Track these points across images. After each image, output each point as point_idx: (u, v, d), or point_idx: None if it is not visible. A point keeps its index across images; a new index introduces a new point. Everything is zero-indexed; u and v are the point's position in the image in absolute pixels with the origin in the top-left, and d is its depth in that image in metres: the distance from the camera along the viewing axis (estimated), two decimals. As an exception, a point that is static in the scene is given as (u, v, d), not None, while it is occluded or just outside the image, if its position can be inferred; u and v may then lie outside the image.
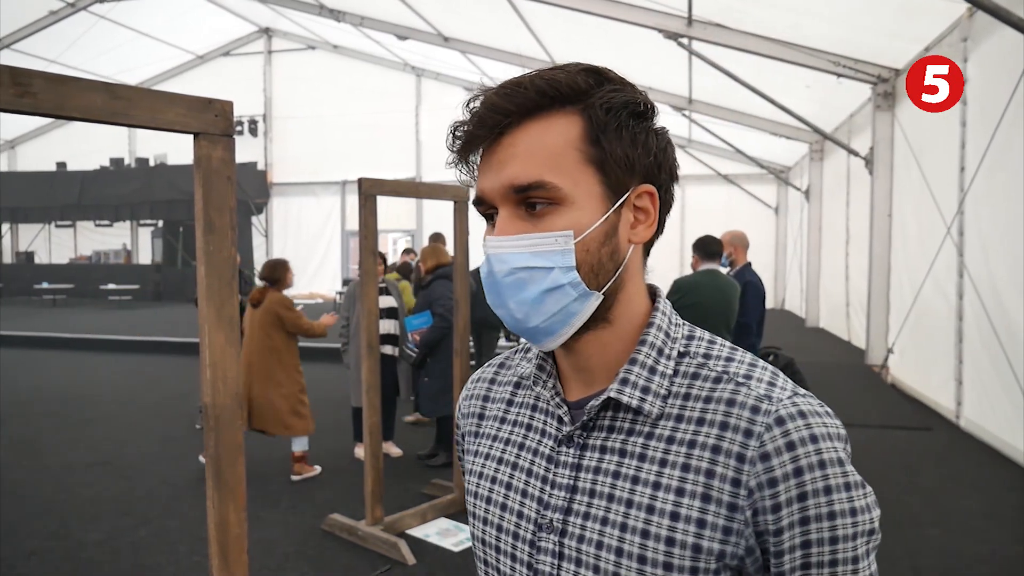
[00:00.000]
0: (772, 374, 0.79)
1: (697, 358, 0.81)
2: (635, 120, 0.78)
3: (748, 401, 0.75)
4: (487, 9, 11.51)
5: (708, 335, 0.85)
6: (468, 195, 4.69)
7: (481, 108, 0.77)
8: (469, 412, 0.98)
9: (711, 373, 0.79)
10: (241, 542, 1.81)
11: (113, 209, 20.92)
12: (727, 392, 0.77)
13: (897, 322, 8.50)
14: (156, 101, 1.61)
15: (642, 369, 0.80)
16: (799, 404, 0.74)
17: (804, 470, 0.71)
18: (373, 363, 4.32)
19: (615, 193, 0.78)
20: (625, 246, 0.80)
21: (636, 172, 0.78)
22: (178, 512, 4.85)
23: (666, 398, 0.79)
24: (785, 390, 0.76)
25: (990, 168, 5.80)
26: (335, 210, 20.88)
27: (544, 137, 0.76)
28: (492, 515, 0.87)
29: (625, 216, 0.79)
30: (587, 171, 0.76)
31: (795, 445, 0.72)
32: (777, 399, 0.75)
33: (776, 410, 0.74)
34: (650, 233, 0.81)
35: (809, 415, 0.74)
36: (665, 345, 0.81)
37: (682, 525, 0.74)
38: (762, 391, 0.76)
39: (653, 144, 0.79)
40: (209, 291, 1.71)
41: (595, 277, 0.77)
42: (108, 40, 17.56)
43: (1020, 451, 5.35)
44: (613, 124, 0.76)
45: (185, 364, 10.52)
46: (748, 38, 8.59)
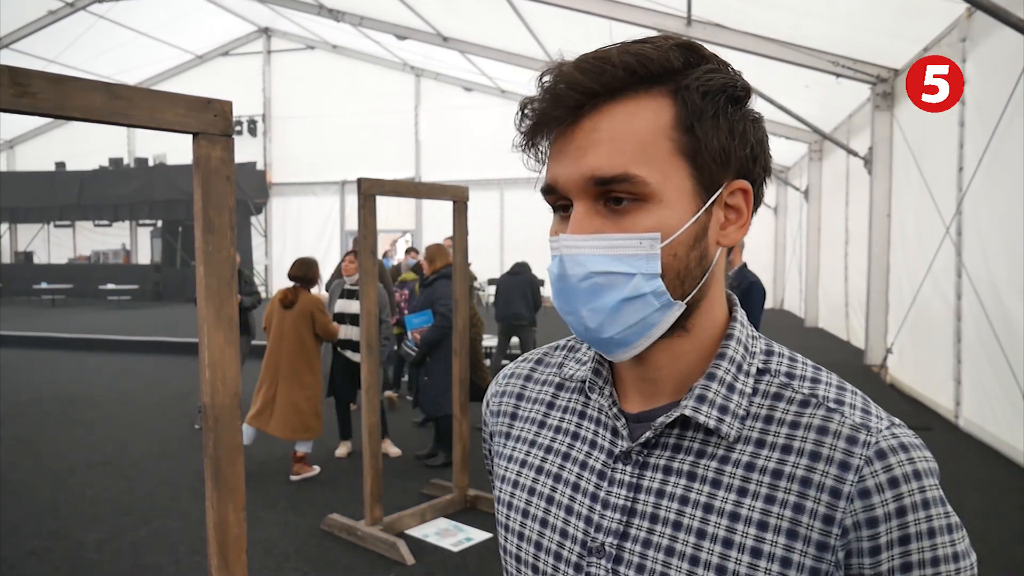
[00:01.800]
0: (864, 400, 0.71)
1: (779, 376, 0.73)
2: (733, 106, 0.69)
3: (843, 430, 0.68)
4: (486, 9, 11.51)
5: (788, 351, 0.76)
6: (467, 195, 4.69)
7: (558, 85, 0.66)
8: (500, 410, 0.89)
9: (796, 395, 0.71)
10: (240, 542, 1.81)
11: (112, 209, 20.91)
12: (817, 418, 0.69)
13: (896, 322, 8.50)
14: (155, 101, 1.61)
15: (720, 386, 0.71)
16: (899, 436, 0.68)
17: (908, 510, 0.65)
18: (372, 364, 4.31)
19: (707, 190, 0.68)
20: (714, 249, 0.71)
21: (731, 166, 0.69)
22: (178, 512, 4.85)
23: (744, 419, 0.71)
24: (882, 419, 0.69)
25: (989, 168, 5.81)
26: (334, 210, 20.88)
27: (632, 122, 0.66)
28: (530, 530, 0.78)
29: (716, 215, 0.70)
30: (678, 164, 0.67)
31: (898, 482, 0.65)
32: (876, 429, 0.67)
33: (876, 442, 0.67)
34: (741, 234, 0.72)
35: (911, 448, 0.67)
36: (744, 360, 0.73)
37: (764, 563, 0.66)
38: (858, 419, 0.68)
39: (751, 134, 0.70)
40: (208, 291, 1.71)
41: (680, 285, 0.69)
42: (107, 40, 17.56)
43: (1019, 451, 5.35)
44: (710, 110, 0.67)
45: (185, 364, 10.52)
46: (747, 38, 8.59)
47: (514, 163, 3.28)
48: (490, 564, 4.09)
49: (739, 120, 0.69)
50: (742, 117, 0.69)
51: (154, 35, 18.56)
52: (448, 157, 19.27)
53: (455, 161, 18.98)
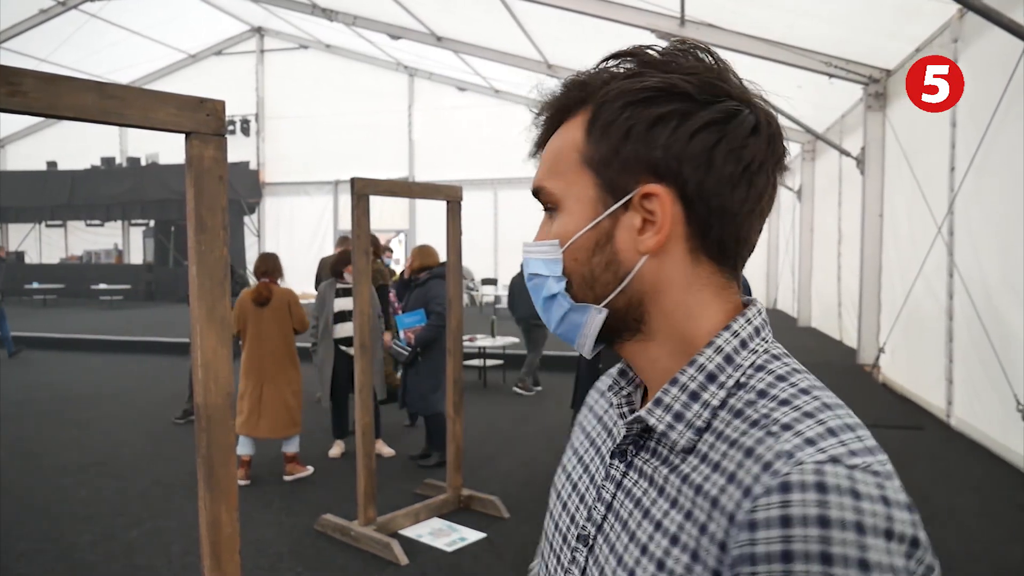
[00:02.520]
0: (826, 431, 0.61)
1: (751, 393, 0.67)
2: (635, 109, 0.67)
3: (765, 455, 0.60)
4: (480, 9, 11.50)
5: (789, 368, 0.69)
6: (460, 195, 4.70)
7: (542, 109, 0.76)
8: (588, 404, 0.94)
9: (754, 414, 0.65)
10: (233, 542, 1.81)
11: (104, 209, 20.82)
12: (752, 440, 0.63)
13: (888, 322, 8.53)
14: (148, 100, 1.61)
15: (681, 392, 0.69)
16: (826, 473, 0.56)
17: (795, 558, 0.54)
18: (365, 364, 4.31)
19: (612, 196, 0.69)
20: (630, 255, 0.69)
21: (638, 170, 0.68)
22: (171, 512, 4.83)
23: (703, 431, 0.68)
24: (824, 452, 0.58)
25: (980, 168, 5.83)
26: (328, 210, 20.83)
27: (557, 140, 0.74)
28: (554, 508, 0.83)
29: (628, 222, 0.69)
30: (583, 173, 0.70)
31: (791, 522, 0.55)
32: (798, 460, 0.58)
33: (788, 473, 0.57)
34: (656, 241, 0.68)
35: (832, 490, 0.55)
36: (721, 371, 0.69)
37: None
38: (788, 446, 0.60)
39: (663, 134, 0.67)
40: (201, 291, 1.70)
41: (589, 289, 0.71)
42: (99, 39, 17.48)
43: (1010, 450, 5.38)
44: (605, 118, 0.69)
45: (178, 364, 10.49)
46: (740, 38, 8.61)
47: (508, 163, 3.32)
48: (484, 564, 4.09)
49: (639, 122, 0.67)
50: (645, 119, 0.67)
51: (146, 34, 18.50)
52: (442, 157, 19.25)
53: (449, 161, 18.96)
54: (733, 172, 0.68)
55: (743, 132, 0.68)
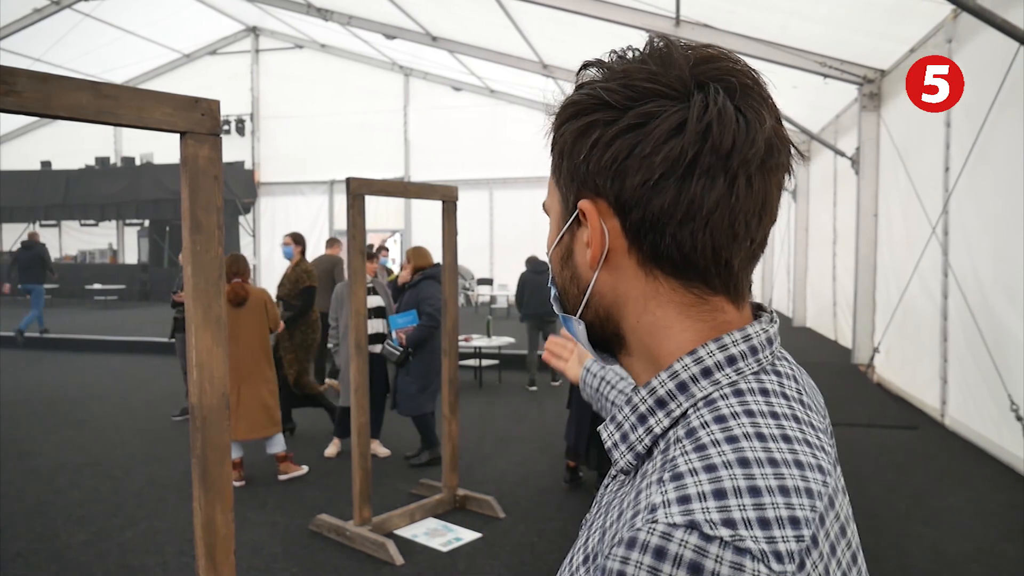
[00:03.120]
0: (717, 491, 0.54)
1: (683, 429, 0.62)
2: (565, 124, 0.66)
3: (641, 503, 0.57)
4: (476, 9, 11.50)
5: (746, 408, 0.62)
6: (456, 195, 4.69)
7: None
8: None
9: (672, 453, 0.60)
10: (228, 543, 1.81)
11: (99, 208, 20.75)
12: (648, 480, 0.59)
13: (883, 321, 8.56)
14: (142, 100, 1.60)
15: (632, 413, 0.67)
16: (672, 538, 0.51)
17: None
18: (361, 363, 4.31)
19: (569, 212, 0.69)
20: (586, 270, 0.68)
21: (576, 185, 0.66)
22: (166, 513, 4.82)
23: (643, 457, 0.65)
24: (689, 515, 0.52)
25: (974, 168, 5.85)
26: (323, 210, 20.81)
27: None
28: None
29: (580, 236, 0.68)
30: (555, 190, 0.72)
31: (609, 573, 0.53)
32: (653, 519, 0.53)
33: (638, 528, 0.53)
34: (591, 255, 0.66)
35: (670, 560, 0.51)
36: (672, 398, 0.64)
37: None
38: (659, 499, 0.55)
39: (584, 146, 0.64)
40: (196, 291, 1.70)
41: (566, 301, 0.73)
42: (94, 38, 17.44)
43: (1004, 449, 5.40)
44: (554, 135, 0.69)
45: (173, 364, 10.46)
46: (735, 39, 8.62)
47: (503, 163, 3.31)
48: (479, 564, 4.09)
49: (569, 135, 0.65)
50: (571, 132, 0.65)
51: (141, 34, 18.45)
52: (437, 157, 19.24)
53: (444, 161, 18.96)
54: (647, 179, 0.61)
55: (661, 133, 0.61)
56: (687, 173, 0.61)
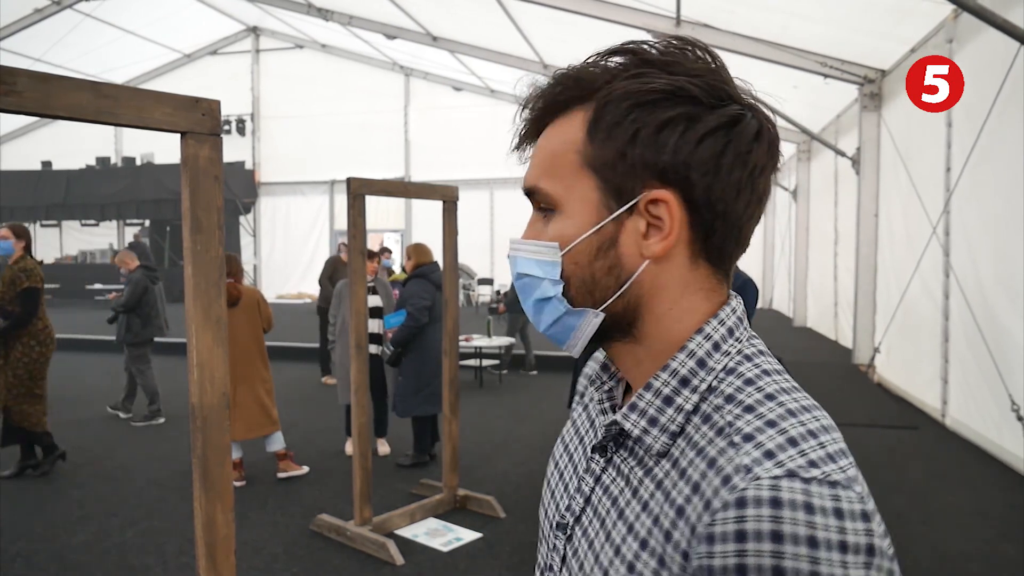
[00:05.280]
0: (787, 441, 0.61)
1: (720, 398, 0.67)
2: (643, 111, 0.66)
3: (726, 468, 0.61)
4: (476, 9, 11.50)
5: (758, 371, 0.68)
6: (456, 195, 4.69)
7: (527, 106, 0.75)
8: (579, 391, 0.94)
9: (720, 421, 0.65)
10: (229, 543, 1.81)
11: (99, 208, 20.74)
12: (715, 450, 0.63)
13: (884, 322, 8.55)
14: (143, 100, 1.60)
15: (655, 397, 0.69)
16: (781, 488, 0.57)
17: (748, 572, 0.56)
18: (361, 363, 4.31)
19: (616, 200, 0.68)
20: (633, 260, 0.69)
21: (644, 174, 0.67)
22: (166, 513, 4.82)
23: (676, 435, 0.68)
24: (782, 466, 0.58)
25: (975, 168, 5.85)
26: (323, 210, 20.82)
27: (551, 138, 0.71)
28: (545, 496, 0.85)
29: (632, 226, 0.68)
30: (584, 175, 0.68)
31: (745, 537, 0.56)
32: (755, 475, 0.58)
33: (744, 488, 0.58)
34: (664, 246, 0.67)
35: (787, 505, 0.56)
36: (694, 375, 0.69)
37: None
38: (747, 459, 0.60)
39: (671, 138, 0.65)
40: (196, 291, 1.70)
41: (588, 294, 0.70)
42: (94, 38, 17.44)
43: (1005, 449, 5.39)
44: (610, 119, 0.67)
45: (172, 364, 10.46)
46: (736, 39, 8.62)
47: (504, 163, 3.28)
48: (480, 564, 4.09)
49: (648, 124, 0.66)
50: (654, 121, 0.66)
51: (141, 34, 18.45)
52: (437, 157, 19.25)
53: (445, 161, 18.97)
54: (739, 178, 0.67)
55: (747, 137, 0.67)
56: (760, 175, 0.69)
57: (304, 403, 8.06)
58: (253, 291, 5.64)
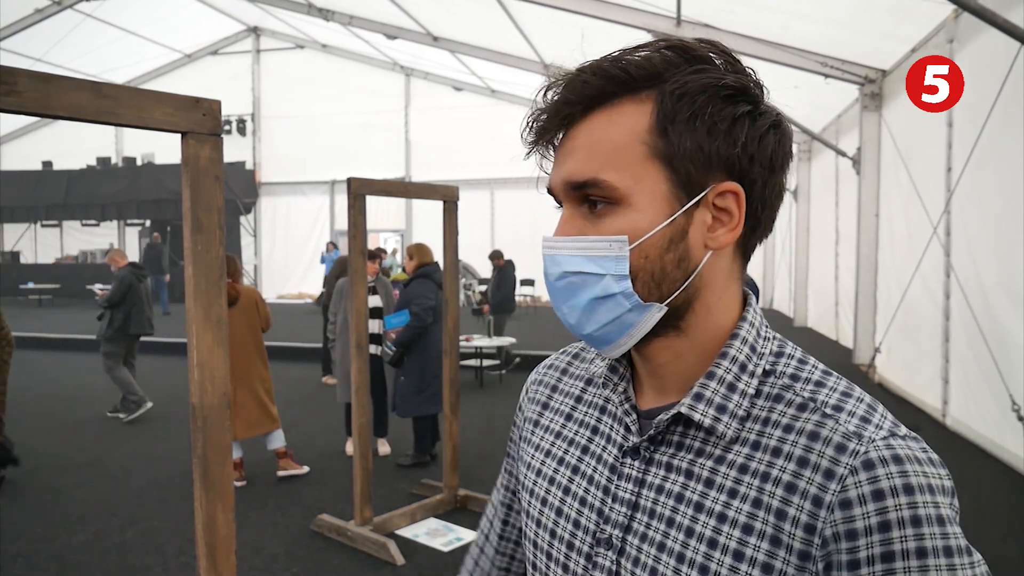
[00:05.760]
0: (868, 407, 0.68)
1: (783, 379, 0.71)
2: (716, 105, 0.67)
3: (834, 437, 0.65)
4: (477, 9, 11.51)
5: (800, 353, 0.75)
6: (457, 195, 4.69)
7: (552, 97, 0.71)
8: (535, 398, 0.91)
9: (796, 398, 0.70)
10: (229, 543, 1.81)
11: (100, 208, 20.75)
12: (811, 423, 0.67)
13: (884, 321, 8.55)
14: (143, 100, 1.60)
15: (720, 385, 0.71)
16: (895, 447, 0.64)
17: (892, 525, 0.61)
18: (362, 363, 4.31)
19: (686, 192, 0.68)
20: (699, 252, 0.69)
21: (716, 167, 0.68)
22: (166, 513, 4.82)
23: (744, 420, 0.70)
24: (881, 428, 0.66)
25: (976, 168, 5.84)
26: (324, 210, 20.82)
27: (608, 129, 0.69)
28: (546, 518, 0.81)
29: (700, 218, 0.69)
30: (652, 167, 0.68)
31: (884, 495, 0.61)
32: (869, 438, 0.64)
33: (865, 451, 0.64)
34: (731, 237, 0.70)
35: (907, 461, 0.63)
36: (749, 361, 0.72)
37: (745, 567, 0.65)
38: (852, 427, 0.66)
39: (741, 132, 0.67)
40: (197, 291, 1.70)
41: (656, 287, 0.69)
42: (95, 38, 17.44)
43: (1006, 449, 5.39)
44: (685, 112, 0.67)
45: (172, 364, 10.47)
46: (736, 39, 8.62)
47: (504, 163, 3.31)
48: (480, 564, 4.08)
49: (723, 119, 0.67)
50: (727, 116, 0.67)
51: (142, 34, 18.45)
52: (438, 157, 19.25)
53: (445, 161, 18.97)
54: (784, 175, 0.72)
55: (789, 137, 0.72)
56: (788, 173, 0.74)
57: (304, 403, 8.06)
58: (252, 291, 5.67)
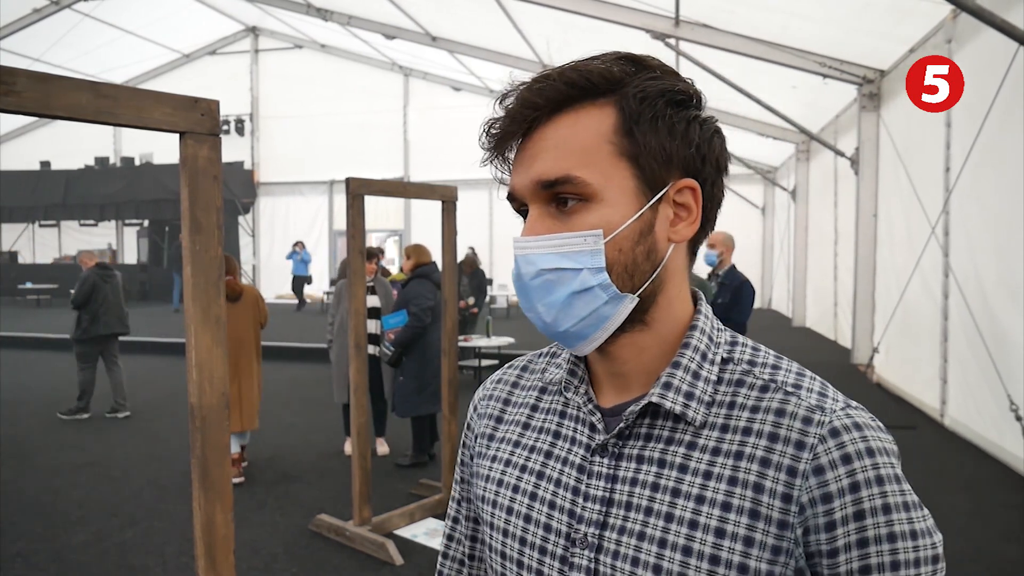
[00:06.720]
0: (821, 384, 0.74)
1: (742, 364, 0.76)
2: (674, 109, 0.72)
3: (799, 412, 0.71)
4: (475, 9, 11.51)
5: (751, 342, 0.80)
6: (455, 195, 4.69)
7: (513, 104, 0.74)
8: (486, 413, 0.92)
9: (757, 381, 0.75)
10: (228, 543, 1.81)
11: (98, 208, 20.72)
12: (775, 402, 0.72)
13: (883, 321, 8.55)
14: (142, 100, 1.60)
15: (686, 373, 0.75)
16: (853, 416, 0.70)
17: (861, 485, 0.67)
18: (361, 363, 4.30)
19: (651, 188, 0.73)
20: (664, 245, 0.74)
21: (675, 165, 0.73)
22: (165, 513, 4.82)
23: (710, 405, 0.74)
24: (837, 401, 0.72)
25: (975, 168, 5.85)
26: (323, 210, 20.81)
27: (575, 130, 0.72)
28: (514, 526, 0.81)
29: (663, 213, 0.74)
30: (620, 165, 0.72)
31: (851, 458, 0.67)
32: (830, 410, 0.70)
33: (830, 421, 0.69)
34: (692, 231, 0.75)
35: (864, 427, 0.69)
36: (708, 350, 0.77)
37: (728, 543, 0.68)
38: (813, 401, 0.71)
39: (695, 135, 0.73)
40: (195, 291, 1.70)
41: (629, 278, 0.73)
42: (93, 38, 17.42)
43: (1004, 450, 5.40)
44: (648, 114, 0.71)
45: (172, 364, 10.47)
46: (735, 39, 8.63)
47: (503, 163, 3.17)
48: (479, 564, 4.08)
49: (680, 121, 0.72)
50: (684, 118, 0.73)
51: (140, 34, 18.44)
52: (437, 157, 19.23)
53: (444, 161, 18.93)
54: (725, 174, 0.77)
55: (724, 140, 0.77)
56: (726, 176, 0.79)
57: (303, 403, 8.06)
58: (252, 288, 5.79)
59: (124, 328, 7.72)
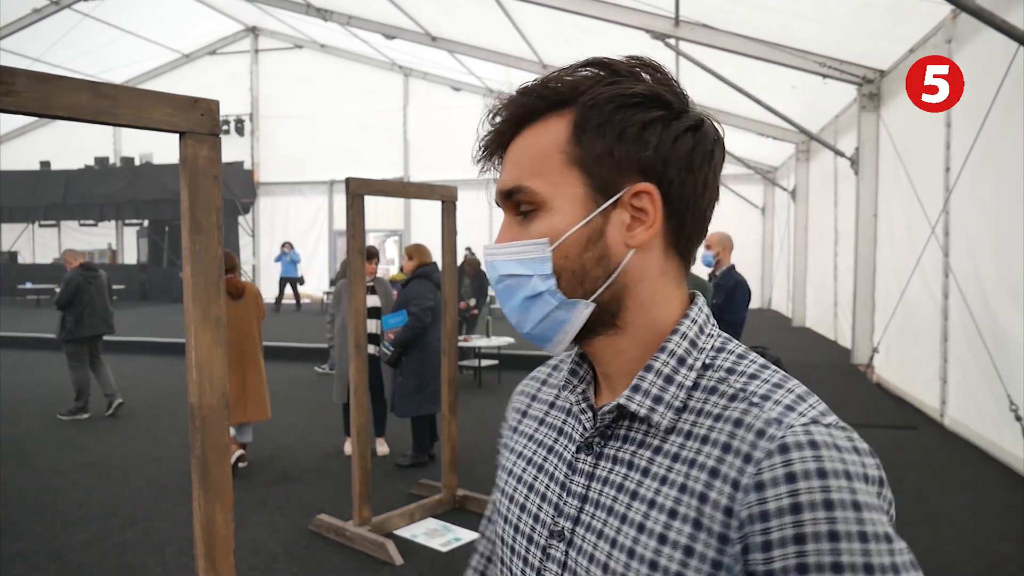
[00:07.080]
0: (797, 397, 0.70)
1: (720, 371, 0.74)
2: (625, 112, 0.71)
3: (756, 423, 0.68)
4: (475, 9, 11.51)
5: (742, 348, 0.78)
6: (455, 195, 4.69)
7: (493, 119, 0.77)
8: (516, 408, 0.96)
9: (729, 389, 0.72)
10: (228, 543, 1.81)
11: (98, 208, 20.73)
12: (737, 412, 0.70)
13: (883, 321, 8.55)
14: (142, 100, 1.60)
15: (656, 377, 0.75)
16: (813, 433, 0.65)
17: (803, 508, 0.61)
18: (361, 363, 4.30)
19: (603, 194, 0.73)
20: (619, 250, 0.73)
21: (627, 169, 0.72)
22: (165, 513, 4.82)
23: (680, 411, 0.73)
24: (804, 416, 0.67)
25: (975, 168, 5.85)
26: (322, 210, 20.82)
27: (535, 142, 0.74)
28: (512, 514, 0.85)
29: (618, 218, 0.73)
30: (571, 173, 0.73)
31: (795, 478, 0.63)
32: (788, 424, 0.66)
33: (782, 436, 0.65)
34: (649, 235, 0.73)
35: (823, 446, 0.64)
36: (688, 355, 0.75)
37: (668, 550, 0.68)
38: (774, 414, 0.68)
39: (652, 136, 0.71)
40: (195, 291, 1.70)
41: (579, 284, 0.74)
42: (93, 38, 17.43)
43: (1004, 450, 5.40)
44: (595, 120, 0.72)
45: (171, 364, 10.47)
46: (734, 39, 8.63)
47: (503, 163, 3.15)
48: (479, 564, 4.08)
49: (631, 125, 0.72)
50: (636, 121, 0.72)
51: (140, 34, 18.44)
52: (436, 157, 19.23)
53: (444, 161, 18.92)
54: (706, 175, 0.75)
55: (709, 139, 0.75)
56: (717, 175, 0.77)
57: (303, 403, 8.06)
58: (252, 285, 5.95)
59: (109, 329, 7.78)
